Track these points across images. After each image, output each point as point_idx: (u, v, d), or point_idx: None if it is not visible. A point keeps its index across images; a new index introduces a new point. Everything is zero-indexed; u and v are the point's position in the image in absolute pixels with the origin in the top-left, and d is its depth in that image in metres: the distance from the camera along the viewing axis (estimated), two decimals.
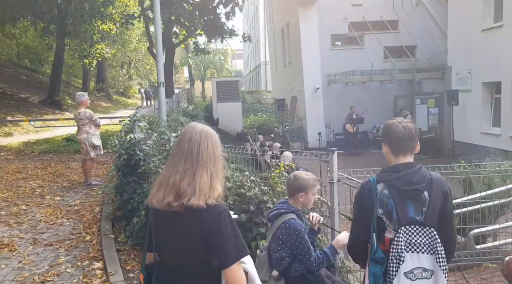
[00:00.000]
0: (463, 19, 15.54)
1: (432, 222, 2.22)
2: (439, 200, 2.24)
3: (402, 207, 2.23)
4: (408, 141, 2.30)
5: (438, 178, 2.31)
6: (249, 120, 27.13)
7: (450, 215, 2.31)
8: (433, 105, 17.61)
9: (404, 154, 2.31)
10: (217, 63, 63.15)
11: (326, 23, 19.33)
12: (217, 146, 2.01)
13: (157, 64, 8.27)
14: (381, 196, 2.26)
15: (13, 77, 26.92)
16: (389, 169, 2.34)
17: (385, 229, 2.29)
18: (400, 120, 2.37)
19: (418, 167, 2.28)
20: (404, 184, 2.23)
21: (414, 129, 2.34)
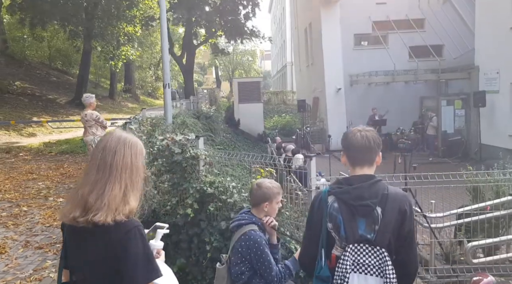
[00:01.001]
0: (492, 17, 14.86)
1: (384, 242, 2.00)
2: (393, 218, 2.01)
3: (351, 223, 2.02)
4: (365, 152, 2.10)
5: (396, 194, 2.08)
6: (272, 121, 27.01)
7: (408, 235, 2.07)
8: (460, 107, 16.92)
9: (360, 165, 2.11)
10: (245, 64, 63.35)
11: (349, 23, 18.93)
12: (137, 155, 1.80)
13: (163, 66, 8.22)
14: (331, 209, 2.07)
15: (44, 79, 27.70)
16: (342, 180, 2.15)
17: (334, 245, 2.10)
18: (361, 128, 2.16)
19: (374, 180, 2.07)
20: (354, 198, 2.02)
21: (374, 138, 2.12)
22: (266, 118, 29.07)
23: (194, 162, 4.42)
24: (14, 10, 21.32)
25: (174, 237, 4.45)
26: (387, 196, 2.03)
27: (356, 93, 19.06)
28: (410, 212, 2.07)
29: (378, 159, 2.16)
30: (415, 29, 18.44)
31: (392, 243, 2.03)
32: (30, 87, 23.86)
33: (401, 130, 18.24)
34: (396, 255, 2.06)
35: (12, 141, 13.81)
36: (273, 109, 32.74)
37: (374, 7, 18.92)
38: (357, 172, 2.11)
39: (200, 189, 4.18)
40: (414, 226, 2.14)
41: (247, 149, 17.43)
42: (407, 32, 18.64)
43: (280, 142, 14.76)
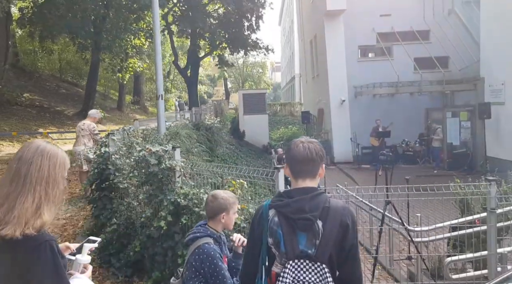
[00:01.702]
0: (497, 28, 14.73)
1: (324, 257, 1.92)
2: (334, 232, 1.94)
3: (291, 238, 1.94)
4: (307, 164, 2.03)
5: (337, 207, 2.01)
6: (279, 133, 27.01)
7: (351, 250, 1.99)
8: (465, 119, 16.71)
9: (303, 177, 2.05)
10: (255, 76, 63.65)
11: (353, 34, 18.91)
12: (56, 167, 1.75)
13: (156, 77, 8.25)
14: (271, 223, 1.99)
15: (53, 91, 28.08)
16: (283, 193, 2.09)
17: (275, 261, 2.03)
18: (304, 140, 2.10)
19: (316, 193, 2.00)
20: (294, 211, 1.95)
21: (316, 150, 2.06)
22: (273, 129, 29.11)
23: (170, 174, 4.38)
24: (23, 24, 21.71)
25: (150, 249, 4.41)
26: (328, 209, 1.97)
27: (361, 105, 18.95)
28: (353, 225, 2.00)
29: (322, 171, 2.10)
30: (420, 40, 18.34)
31: (334, 258, 1.96)
32: (39, 99, 24.17)
33: (406, 142, 18.06)
34: (339, 271, 1.99)
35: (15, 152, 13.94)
36: (280, 121, 32.77)
37: (378, 18, 18.88)
38: (300, 184, 2.04)
39: (175, 201, 4.14)
40: (358, 240, 2.06)
41: (250, 160, 17.40)
42: (412, 44, 18.55)
43: (281, 153, 14.67)
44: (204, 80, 56.36)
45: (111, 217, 4.91)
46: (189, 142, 8.44)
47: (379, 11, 18.84)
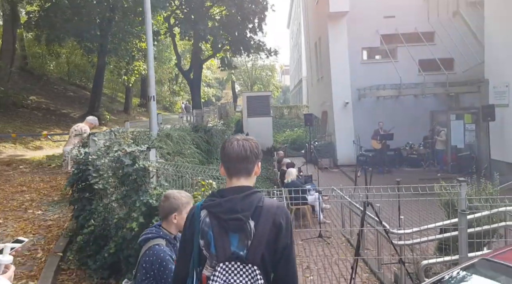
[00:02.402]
0: (501, 30, 14.52)
1: (256, 259, 1.85)
2: (266, 232, 1.87)
3: (222, 239, 1.87)
4: (241, 162, 1.97)
5: (271, 206, 1.93)
6: (284, 136, 26.94)
7: (286, 251, 1.92)
8: (470, 121, 16.48)
9: (237, 176, 1.99)
10: (264, 79, 63.57)
11: (357, 36, 18.78)
12: None
13: (149, 78, 8.25)
14: (202, 224, 1.91)
15: (60, 94, 28.34)
16: (215, 193, 2.02)
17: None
18: (239, 138, 2.04)
19: (249, 192, 1.94)
20: (225, 211, 1.88)
21: (251, 148, 1.99)
22: (279, 132, 29.05)
23: (144, 174, 4.35)
24: (30, 27, 21.96)
25: (125, 251, 4.37)
26: (261, 209, 1.90)
27: (365, 107, 18.79)
28: (287, 225, 1.93)
29: (257, 169, 2.04)
30: (424, 42, 18.14)
31: (267, 260, 1.89)
32: (45, 101, 24.40)
33: (410, 144, 17.88)
34: (273, 273, 1.93)
35: (17, 154, 14.09)
36: (286, 123, 32.69)
37: (382, 20, 18.72)
38: (234, 183, 1.98)
39: (147, 202, 4.10)
40: (293, 242, 1.99)
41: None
42: (416, 45, 18.36)
43: (281, 156, 14.63)
44: (213, 83, 56.41)
45: (90, 218, 4.89)
46: (182, 143, 8.41)
47: (383, 12, 18.69)
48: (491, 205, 4.93)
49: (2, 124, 17.99)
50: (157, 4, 16.74)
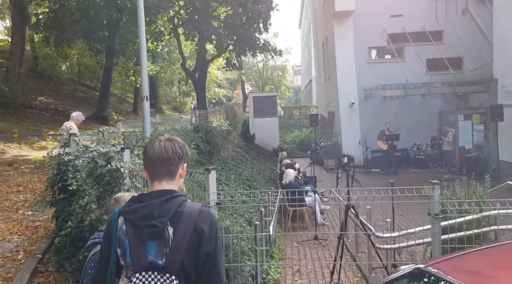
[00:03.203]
0: (510, 27, 14.16)
1: (174, 268, 1.73)
2: (186, 239, 1.75)
3: (138, 248, 1.75)
4: (162, 164, 1.86)
5: (193, 211, 1.81)
6: (292, 136, 26.78)
7: (209, 259, 1.80)
8: (478, 121, 16.13)
9: (159, 179, 1.87)
10: (276, 79, 63.48)
11: (363, 36, 18.53)
12: None
13: (142, 78, 8.20)
14: (120, 232, 1.80)
15: (70, 94, 28.60)
16: (135, 198, 1.89)
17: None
18: (163, 138, 1.92)
19: (169, 196, 1.81)
20: (141, 218, 1.76)
21: (174, 149, 1.88)
22: (288, 132, 28.89)
23: (118, 175, 4.26)
24: (38, 29, 22.17)
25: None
26: (181, 214, 1.78)
27: (371, 108, 18.50)
28: (210, 231, 1.81)
29: (182, 171, 1.92)
30: (432, 41, 17.82)
31: (188, 269, 1.76)
32: (55, 102, 24.62)
33: (417, 145, 17.58)
34: (197, 282, 1.81)
35: (21, 154, 14.18)
36: (295, 124, 32.53)
37: (389, 19, 18.44)
38: (156, 187, 1.87)
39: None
40: (219, 248, 1.86)
41: (255, 163, 17.23)
42: (424, 45, 18.05)
43: (284, 156, 14.50)
44: (224, 83, 56.48)
45: (68, 219, 4.83)
46: None
47: (390, 11, 18.41)
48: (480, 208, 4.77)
49: (10, 124, 18.18)
50: (159, 4, 16.72)
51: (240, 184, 11.88)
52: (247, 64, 58.25)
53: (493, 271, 1.67)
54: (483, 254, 1.93)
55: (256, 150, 20.49)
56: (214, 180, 3.34)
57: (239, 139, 21.23)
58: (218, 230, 1.91)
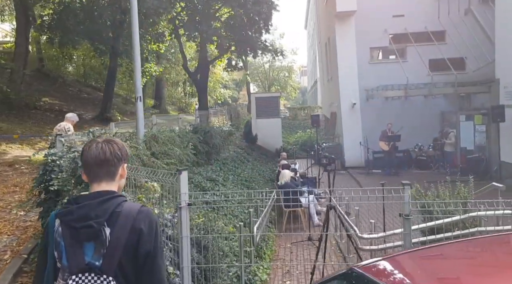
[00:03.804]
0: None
1: (111, 269, 1.73)
2: (124, 239, 1.76)
3: (75, 250, 1.75)
4: (100, 165, 1.86)
5: (131, 211, 1.82)
6: (295, 137, 26.75)
7: (148, 259, 1.80)
8: (480, 122, 15.97)
9: (97, 181, 1.88)
10: (282, 80, 63.52)
11: (365, 36, 18.46)
12: None
13: (135, 78, 8.23)
14: (56, 234, 1.80)
15: (75, 95, 28.79)
16: (71, 199, 1.89)
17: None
18: (101, 140, 1.93)
19: (107, 197, 1.82)
20: (77, 219, 1.76)
21: (112, 150, 1.88)
22: (292, 133, 28.86)
23: None
24: (43, 30, 22.36)
25: None
26: (119, 214, 1.79)
27: (373, 108, 18.43)
28: (149, 231, 1.81)
29: (123, 172, 1.92)
30: (434, 41, 17.71)
31: (127, 270, 1.77)
32: (59, 103, 24.79)
33: (419, 146, 17.48)
34: (137, 282, 1.81)
35: (22, 155, 14.29)
36: (300, 124, 32.51)
37: (391, 19, 18.36)
38: (94, 189, 1.87)
39: None
40: (159, 249, 1.86)
41: (256, 164, 17.23)
42: (426, 45, 17.94)
43: (283, 157, 14.49)
44: (230, 84, 56.55)
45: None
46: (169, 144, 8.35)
47: (392, 11, 18.33)
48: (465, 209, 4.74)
49: (14, 125, 18.35)
50: (159, 5, 16.78)
51: (238, 185, 11.86)
52: (253, 65, 58.33)
53: (431, 272, 1.64)
54: (432, 252, 1.91)
55: (258, 151, 20.49)
56: (185, 181, 3.34)
57: (241, 140, 21.25)
58: (159, 230, 1.91)
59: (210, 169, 12.05)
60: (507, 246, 2.03)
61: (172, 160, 7.84)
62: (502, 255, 1.91)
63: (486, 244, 2.09)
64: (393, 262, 1.70)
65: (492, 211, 4.32)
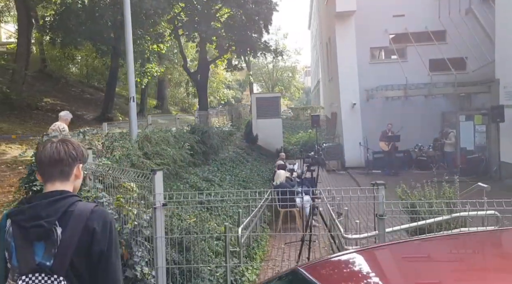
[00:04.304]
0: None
1: (63, 269, 1.72)
2: (76, 239, 1.75)
3: (24, 250, 1.74)
4: (53, 165, 1.86)
5: (84, 210, 1.81)
6: (297, 137, 26.70)
7: (102, 260, 1.79)
8: (480, 122, 15.88)
9: (51, 181, 1.87)
10: (285, 80, 63.47)
11: (365, 36, 18.41)
12: None
13: (128, 79, 8.25)
14: (7, 235, 1.80)
15: (77, 96, 28.92)
16: (23, 199, 1.90)
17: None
18: (55, 140, 1.93)
19: (60, 197, 1.81)
20: (27, 219, 1.75)
21: (66, 150, 1.88)
22: (294, 133, 28.80)
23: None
24: (45, 31, 22.46)
25: None
26: (71, 214, 1.78)
27: (373, 108, 18.38)
28: (103, 230, 1.80)
29: (78, 172, 1.92)
30: (434, 41, 17.63)
31: (80, 270, 1.76)
32: (61, 103, 24.89)
33: (419, 146, 17.40)
34: (91, 282, 1.81)
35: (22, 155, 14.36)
36: (301, 125, 32.42)
37: (391, 19, 18.30)
38: (48, 189, 1.86)
39: None
40: (113, 249, 1.85)
41: (256, 164, 17.24)
42: (426, 45, 17.86)
43: (282, 157, 14.46)
44: (233, 84, 56.56)
45: None
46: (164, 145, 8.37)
47: (392, 11, 18.27)
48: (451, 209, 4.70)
49: (15, 125, 18.45)
50: (158, 6, 16.81)
51: (234, 185, 11.87)
52: (256, 65, 58.32)
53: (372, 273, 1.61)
54: (387, 250, 1.89)
55: (258, 151, 20.47)
56: (160, 181, 3.33)
57: (242, 140, 21.25)
58: (115, 230, 1.90)
59: (207, 169, 12.06)
60: (457, 246, 2.01)
61: (165, 160, 7.84)
62: (451, 255, 1.89)
63: (440, 244, 2.07)
64: (337, 262, 1.69)
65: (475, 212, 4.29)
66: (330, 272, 1.56)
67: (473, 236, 2.67)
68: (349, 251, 2.04)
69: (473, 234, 3.18)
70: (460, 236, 2.81)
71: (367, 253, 1.82)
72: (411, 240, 2.25)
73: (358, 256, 1.77)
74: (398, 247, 1.95)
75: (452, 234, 3.50)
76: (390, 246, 2.07)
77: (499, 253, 1.97)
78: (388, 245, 2.18)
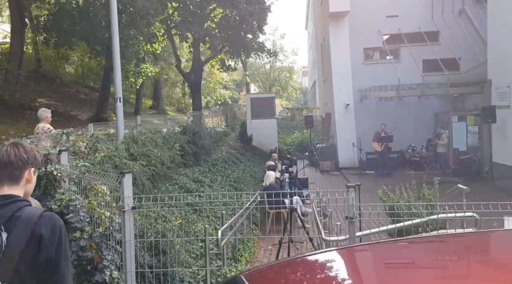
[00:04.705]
0: (504, 29, 13.92)
1: (7, 275, 1.69)
2: (21, 244, 1.71)
3: None
4: (3, 168, 1.83)
5: (33, 216, 1.77)
6: (292, 138, 26.69)
7: (49, 267, 1.76)
8: (472, 123, 15.89)
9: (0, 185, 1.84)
10: (283, 81, 63.51)
11: (359, 36, 18.41)
12: None
13: (115, 79, 8.21)
14: None
15: (72, 96, 28.82)
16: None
17: None
18: (7, 143, 1.90)
19: (7, 201, 1.78)
20: None
21: (18, 153, 1.85)
22: (289, 134, 28.78)
23: (54, 178, 4.25)
24: (39, 31, 22.39)
25: None
26: (18, 219, 1.75)
27: (367, 109, 18.37)
28: (51, 237, 1.76)
29: (29, 177, 1.89)
30: (427, 42, 17.63)
31: (25, 275, 1.73)
32: (55, 104, 24.81)
33: (412, 147, 17.40)
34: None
35: None
36: (297, 125, 32.39)
37: (385, 20, 18.29)
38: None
39: (50, 208, 4.00)
40: (62, 257, 1.81)
41: (249, 165, 17.18)
42: (420, 45, 17.87)
43: (275, 158, 14.44)
44: (230, 85, 56.46)
45: None
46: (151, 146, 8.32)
47: (386, 12, 18.26)
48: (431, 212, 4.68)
49: (7, 126, 18.38)
50: (150, 6, 16.77)
51: (225, 186, 11.81)
52: (253, 65, 58.31)
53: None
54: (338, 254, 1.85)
55: (252, 152, 20.41)
56: (129, 183, 3.30)
57: (236, 140, 21.19)
58: (65, 236, 1.87)
59: (198, 170, 12.01)
60: (405, 250, 1.98)
61: (151, 161, 7.80)
62: (419, 257, 1.86)
63: (407, 246, 2.04)
64: (285, 267, 1.65)
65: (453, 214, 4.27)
66: (273, 279, 1.52)
67: (449, 238, 2.65)
68: (303, 254, 2.01)
69: (450, 236, 3.16)
70: (432, 238, 2.79)
71: (322, 256, 1.78)
72: (376, 242, 2.21)
73: (310, 259, 1.73)
74: (360, 249, 1.92)
75: (426, 236, 3.48)
76: (353, 248, 2.04)
77: (474, 256, 1.94)
78: (350, 247, 2.15)
